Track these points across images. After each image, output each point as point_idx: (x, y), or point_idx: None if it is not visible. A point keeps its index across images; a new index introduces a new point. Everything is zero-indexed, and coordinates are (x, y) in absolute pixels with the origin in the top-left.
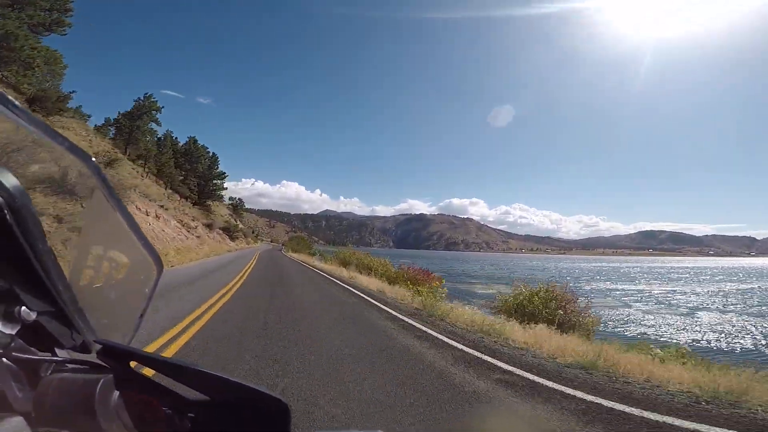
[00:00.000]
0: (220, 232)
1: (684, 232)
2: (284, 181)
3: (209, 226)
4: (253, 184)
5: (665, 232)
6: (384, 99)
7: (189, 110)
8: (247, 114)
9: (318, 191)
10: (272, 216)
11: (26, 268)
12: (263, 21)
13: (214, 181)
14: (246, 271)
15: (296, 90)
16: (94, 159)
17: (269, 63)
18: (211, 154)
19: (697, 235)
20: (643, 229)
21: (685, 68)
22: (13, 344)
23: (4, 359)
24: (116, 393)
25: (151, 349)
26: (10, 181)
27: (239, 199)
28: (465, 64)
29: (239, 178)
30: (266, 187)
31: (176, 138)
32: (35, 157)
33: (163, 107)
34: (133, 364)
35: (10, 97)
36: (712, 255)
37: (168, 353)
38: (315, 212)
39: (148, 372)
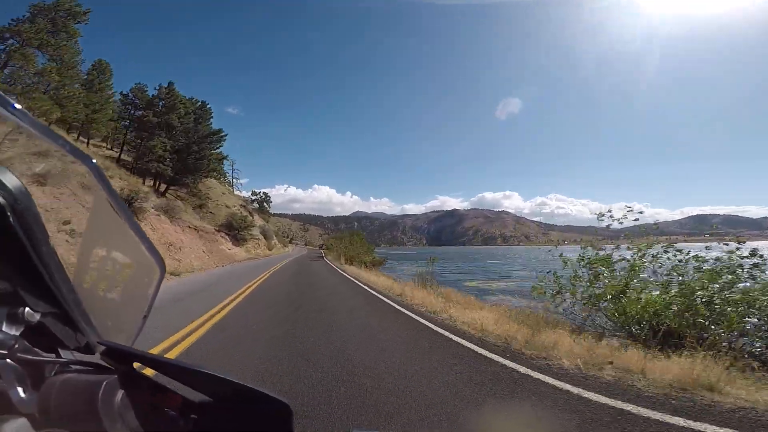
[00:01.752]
0: (212, 231)
1: (738, 214)
2: (315, 186)
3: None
4: (286, 189)
5: (718, 215)
6: (410, 98)
7: (218, 121)
8: (276, 121)
9: (348, 193)
10: (305, 219)
11: (30, 269)
12: (286, 26)
13: (204, 146)
14: None
15: (323, 95)
16: (94, 161)
17: (295, 69)
18: (198, 104)
19: (754, 217)
20: (692, 214)
21: (715, 44)
22: (17, 345)
23: (9, 360)
24: (120, 394)
25: None
26: (13, 182)
27: (264, 192)
28: (490, 55)
29: (273, 184)
30: (298, 192)
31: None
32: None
33: (90, 11)
34: (136, 365)
35: (11, 99)
36: None
37: None
38: (347, 214)
39: (152, 373)
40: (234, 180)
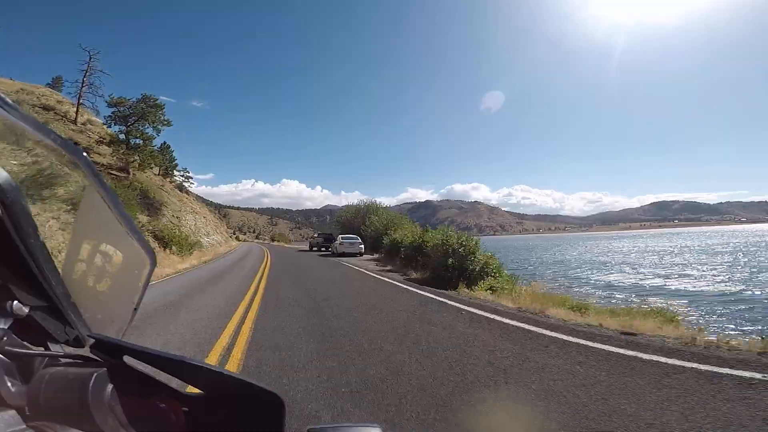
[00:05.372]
0: None
1: (695, 200)
2: (284, 180)
3: None
4: (253, 184)
5: (678, 202)
6: (381, 92)
7: (183, 114)
8: (243, 115)
9: (318, 187)
10: (274, 214)
11: (18, 263)
12: (254, 18)
13: None
14: None
15: (290, 89)
16: (85, 154)
17: (263, 62)
18: None
19: (710, 203)
20: (648, 202)
21: (668, 40)
22: (5, 339)
23: None
24: (110, 387)
25: None
26: (1, 175)
27: (145, 97)
28: (452, 50)
29: (239, 179)
30: (267, 186)
31: None
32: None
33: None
34: (126, 357)
35: (1, 93)
36: (745, 222)
37: None
38: (317, 208)
39: (143, 366)
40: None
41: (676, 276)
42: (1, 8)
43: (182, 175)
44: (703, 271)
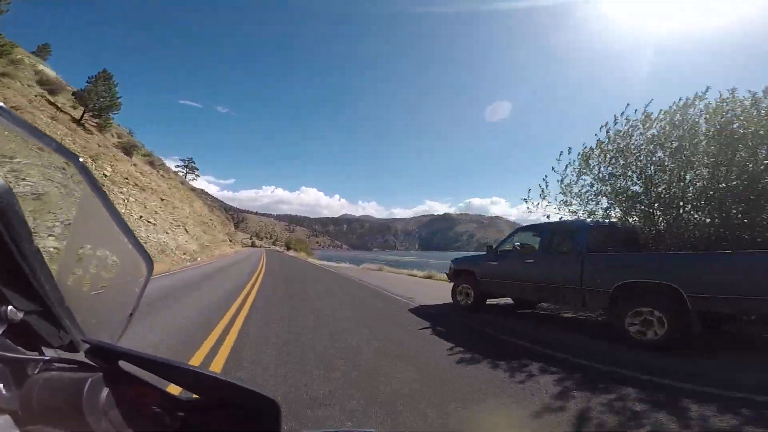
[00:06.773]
0: None
1: None
2: (303, 188)
3: None
4: (273, 191)
5: None
6: (401, 106)
7: (208, 120)
8: (266, 122)
9: (337, 196)
10: (292, 220)
11: (12, 267)
12: (280, 27)
13: None
14: None
15: (314, 99)
16: (81, 159)
17: (287, 71)
18: None
19: None
20: None
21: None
22: None
23: None
24: (105, 392)
25: None
26: None
27: None
28: (475, 62)
29: (260, 185)
30: (286, 193)
31: None
32: None
33: None
34: (122, 363)
35: None
36: None
37: None
38: (335, 216)
39: (138, 371)
40: None
41: None
42: None
43: (185, 165)
44: None
